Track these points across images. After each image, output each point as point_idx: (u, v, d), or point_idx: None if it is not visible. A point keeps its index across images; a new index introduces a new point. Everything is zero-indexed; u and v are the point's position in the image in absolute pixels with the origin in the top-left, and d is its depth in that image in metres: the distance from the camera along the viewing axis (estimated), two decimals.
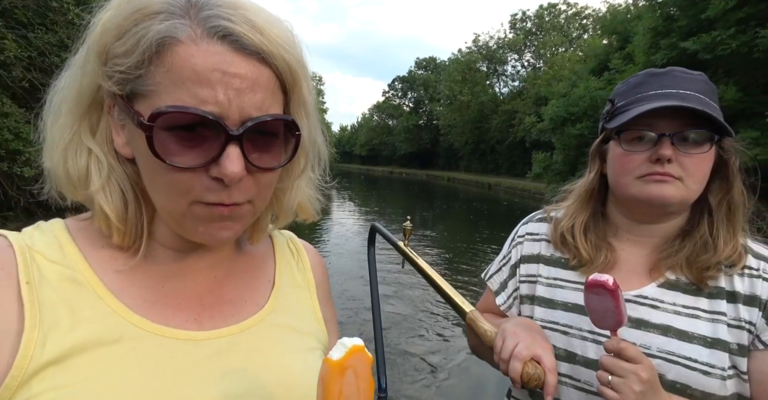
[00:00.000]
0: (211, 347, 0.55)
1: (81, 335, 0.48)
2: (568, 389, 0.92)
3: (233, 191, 0.50)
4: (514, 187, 31.81)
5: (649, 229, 0.94)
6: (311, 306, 0.70)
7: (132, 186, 0.54)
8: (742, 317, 0.82)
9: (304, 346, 0.64)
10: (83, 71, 0.51)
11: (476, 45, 54.57)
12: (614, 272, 0.93)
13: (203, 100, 0.46)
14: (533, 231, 1.09)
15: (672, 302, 0.87)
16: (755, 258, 0.86)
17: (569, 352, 0.93)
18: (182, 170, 0.48)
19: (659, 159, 0.83)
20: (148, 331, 0.52)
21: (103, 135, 0.54)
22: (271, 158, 0.53)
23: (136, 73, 0.47)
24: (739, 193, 0.88)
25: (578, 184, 1.04)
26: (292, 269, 0.72)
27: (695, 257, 0.86)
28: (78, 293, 0.51)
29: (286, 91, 0.54)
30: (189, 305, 0.58)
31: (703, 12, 11.74)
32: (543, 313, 0.98)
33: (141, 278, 0.56)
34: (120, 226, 0.54)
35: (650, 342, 0.85)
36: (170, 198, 0.50)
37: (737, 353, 0.81)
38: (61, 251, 0.53)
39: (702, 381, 0.80)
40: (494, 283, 1.11)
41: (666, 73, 0.88)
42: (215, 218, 0.51)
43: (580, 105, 17.85)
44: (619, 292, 0.73)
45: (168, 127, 0.46)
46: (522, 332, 0.82)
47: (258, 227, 0.66)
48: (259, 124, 0.49)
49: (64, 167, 0.53)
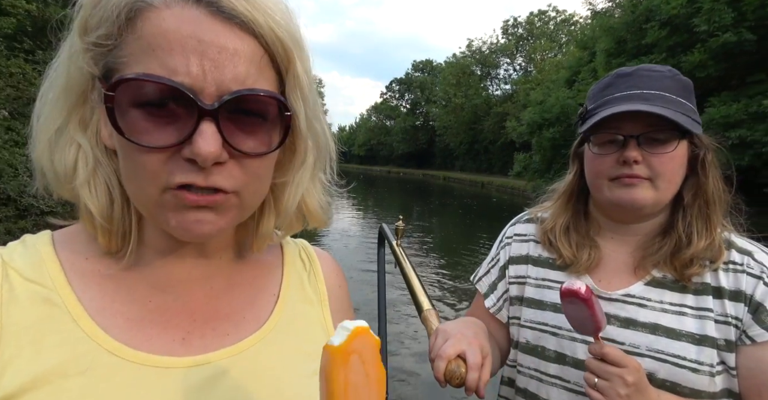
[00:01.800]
0: (199, 374, 0.49)
1: (44, 364, 0.43)
2: (558, 390, 0.92)
3: (211, 175, 0.44)
4: (504, 185, 33.65)
5: (631, 228, 0.93)
6: (321, 323, 0.62)
7: (120, 182, 0.49)
8: (729, 313, 0.82)
9: (309, 369, 0.56)
10: (70, 55, 0.46)
11: (470, 50, 57.04)
12: (600, 271, 0.94)
13: (174, 70, 0.41)
14: (521, 232, 1.08)
15: (659, 300, 0.86)
16: (739, 253, 0.85)
17: (559, 353, 0.92)
18: (152, 151, 0.42)
19: (626, 161, 0.83)
20: (123, 358, 0.46)
21: (93, 130, 0.49)
22: (257, 143, 0.46)
23: (108, 44, 0.43)
24: (713, 188, 0.87)
25: (560, 185, 1.04)
26: (302, 281, 0.65)
27: (676, 253, 0.86)
28: (50, 315, 0.45)
29: (279, 71, 0.48)
30: (178, 321, 0.51)
31: (644, 38, 14.39)
32: (532, 314, 0.97)
33: (125, 292, 0.50)
34: (105, 224, 0.49)
35: (639, 341, 0.85)
36: (140, 185, 0.44)
37: (725, 349, 0.81)
38: (41, 268, 0.48)
39: (691, 378, 0.80)
40: (483, 286, 1.09)
41: (632, 73, 0.88)
42: (187, 207, 0.44)
43: (552, 112, 20.48)
44: (592, 299, 0.73)
45: (136, 102, 0.41)
46: (454, 330, 0.78)
47: (259, 232, 0.58)
48: (240, 100, 0.43)
49: (49, 159, 0.49)
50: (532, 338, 0.97)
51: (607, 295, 0.91)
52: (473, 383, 0.70)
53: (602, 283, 0.93)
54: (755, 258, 0.84)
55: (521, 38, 52.99)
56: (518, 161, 24.87)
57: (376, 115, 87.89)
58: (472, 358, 0.71)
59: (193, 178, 0.43)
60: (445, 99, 56.67)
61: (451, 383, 0.71)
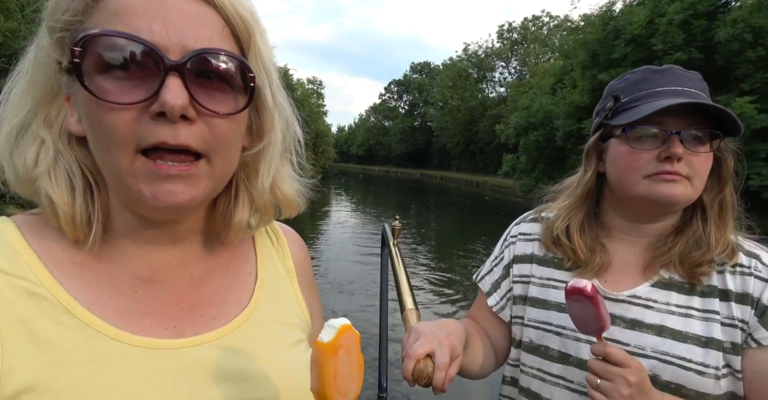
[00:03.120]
0: (196, 354, 0.51)
1: (51, 357, 0.43)
2: (562, 390, 0.92)
3: (180, 130, 0.45)
4: (498, 184, 34.32)
5: (644, 228, 0.93)
6: (294, 295, 0.67)
7: (82, 171, 0.50)
8: (735, 316, 0.81)
9: (291, 339, 0.62)
10: (37, 48, 0.48)
11: (466, 53, 58.75)
12: (609, 273, 0.93)
13: (137, 29, 0.43)
14: (526, 231, 1.07)
15: (665, 302, 0.86)
16: (746, 256, 0.85)
17: (563, 353, 0.92)
18: (121, 109, 0.43)
19: (669, 157, 0.81)
20: (126, 343, 0.47)
21: (58, 126, 0.50)
22: (222, 103, 0.48)
23: (77, 20, 0.45)
24: (731, 193, 0.88)
25: (570, 184, 1.02)
26: (273, 258, 0.68)
27: (687, 254, 0.86)
28: (41, 309, 0.45)
29: (240, 47, 0.50)
30: (166, 310, 0.53)
31: (613, 53, 16.26)
32: (536, 313, 0.97)
33: (110, 285, 0.51)
34: (67, 210, 0.49)
35: (645, 343, 0.84)
36: (112, 152, 0.45)
37: (731, 352, 0.81)
38: (18, 260, 0.47)
39: (696, 381, 0.80)
40: (485, 284, 1.09)
41: (666, 70, 0.87)
42: (160, 175, 0.46)
43: (537, 116, 22.32)
44: (598, 297, 0.73)
45: (102, 63, 0.43)
46: (426, 330, 0.77)
47: (234, 221, 0.59)
48: (204, 61, 0.45)
49: (8, 155, 0.49)
50: (535, 337, 0.97)
51: (613, 296, 0.90)
52: (439, 383, 0.69)
53: (608, 283, 0.92)
54: (763, 261, 0.84)
55: (516, 42, 54.62)
56: (506, 162, 26.75)
57: (375, 116, 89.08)
58: (440, 358, 0.70)
59: (163, 135, 0.44)
60: (442, 101, 58.26)
61: (418, 383, 0.71)
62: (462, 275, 7.97)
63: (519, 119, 23.66)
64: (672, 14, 13.93)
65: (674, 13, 13.89)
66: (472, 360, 0.94)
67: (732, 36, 12.15)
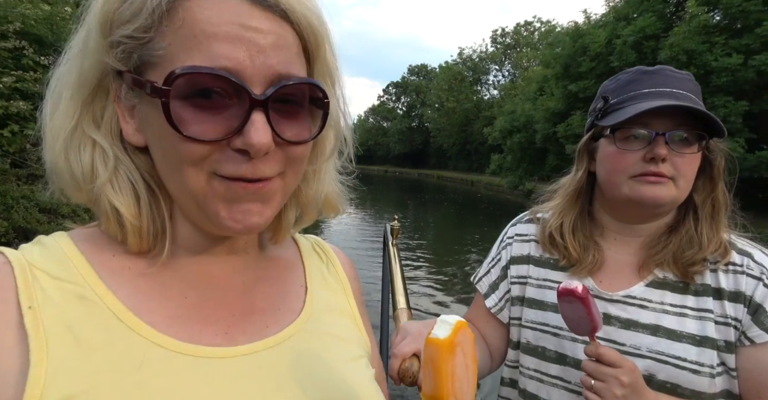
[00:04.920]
0: (248, 363, 0.49)
1: (96, 364, 0.42)
2: (559, 390, 0.92)
3: (258, 165, 0.44)
4: (491, 183, 36.68)
5: (636, 229, 0.93)
6: (349, 311, 0.65)
7: (144, 179, 0.49)
8: (729, 314, 0.82)
9: (349, 355, 0.59)
10: (84, 51, 0.45)
11: (461, 58, 60.97)
12: (603, 273, 0.94)
13: (220, 57, 0.40)
14: (522, 232, 1.08)
15: (660, 301, 0.87)
16: (739, 254, 0.86)
17: (560, 353, 0.92)
18: (201, 143, 0.42)
19: (654, 158, 0.82)
20: (174, 351, 0.46)
21: (108, 126, 0.48)
22: (300, 129, 0.47)
23: (144, 38, 0.42)
24: (723, 193, 0.89)
25: (564, 183, 1.03)
26: (322, 273, 0.66)
27: (681, 253, 0.87)
28: (88, 313, 0.44)
29: (308, 57, 0.48)
30: (217, 317, 0.51)
31: (580, 67, 18.80)
32: (533, 314, 0.97)
33: (160, 290, 0.49)
34: (134, 222, 0.47)
35: (640, 342, 0.85)
36: (186, 174, 0.44)
37: (725, 350, 0.81)
38: (68, 265, 0.46)
39: (692, 380, 0.80)
40: (483, 286, 1.09)
41: (657, 71, 0.88)
42: (238, 196, 0.45)
43: (520, 121, 24.87)
44: (589, 298, 0.73)
45: (183, 95, 0.41)
46: (413, 329, 0.78)
47: (281, 224, 0.59)
48: (286, 88, 0.44)
49: (66, 162, 0.47)
50: (533, 338, 0.97)
51: (608, 296, 0.91)
52: None
53: (603, 284, 0.93)
54: (755, 259, 0.85)
55: (509, 47, 56.72)
56: (494, 161, 29.41)
57: (374, 117, 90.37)
58: None
59: (242, 170, 0.44)
60: (438, 103, 60.14)
61: (404, 382, 0.70)
62: (455, 266, 8.89)
63: (504, 123, 26.34)
64: (626, 36, 16.43)
65: (627, 35, 16.38)
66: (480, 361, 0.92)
67: (670, 57, 14.54)
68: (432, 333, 0.39)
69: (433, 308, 6.20)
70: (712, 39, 13.96)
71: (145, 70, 0.43)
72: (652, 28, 15.96)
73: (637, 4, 17.32)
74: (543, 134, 21.84)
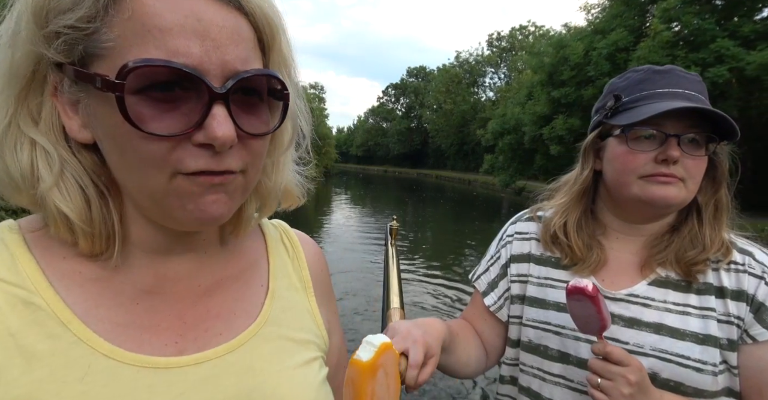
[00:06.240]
0: (196, 373, 0.48)
1: (38, 374, 0.40)
2: (562, 389, 0.92)
3: (224, 158, 0.43)
4: (487, 182, 38.68)
5: (640, 228, 0.94)
6: (309, 309, 0.63)
7: (92, 180, 0.46)
8: (731, 312, 0.83)
9: (303, 358, 0.57)
10: (14, 41, 0.42)
11: (458, 61, 62.74)
12: (605, 271, 0.94)
13: (176, 52, 0.38)
14: (522, 230, 1.07)
15: (663, 300, 0.87)
16: (740, 253, 0.87)
17: (562, 352, 0.92)
18: (160, 139, 0.40)
19: (666, 160, 0.82)
20: (120, 361, 0.44)
21: (48, 123, 0.44)
22: (260, 122, 0.46)
23: (88, 28, 0.39)
24: (726, 194, 0.90)
25: (566, 181, 1.03)
26: (287, 268, 0.64)
27: (683, 252, 0.87)
28: (34, 320, 0.42)
29: (263, 49, 0.47)
30: (168, 324, 0.49)
31: (562, 75, 20.69)
32: (535, 313, 0.97)
33: (110, 296, 0.47)
34: (86, 227, 0.45)
35: (643, 341, 0.85)
36: (147, 174, 0.42)
37: (727, 348, 0.82)
38: (14, 266, 0.44)
39: (695, 378, 0.81)
40: (482, 284, 1.09)
41: (669, 71, 0.87)
42: (204, 189, 0.43)
43: (510, 123, 26.76)
44: (599, 297, 0.73)
45: (137, 89, 0.39)
46: (402, 328, 0.77)
47: (242, 216, 0.57)
48: (245, 81, 0.42)
49: (1, 164, 0.44)
50: (534, 337, 0.97)
51: (611, 294, 0.91)
52: (411, 381, 0.69)
53: (606, 282, 0.93)
54: (756, 258, 0.86)
55: (505, 50, 58.33)
56: (487, 161, 31.43)
57: (373, 118, 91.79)
58: (413, 356, 0.71)
59: (207, 164, 0.42)
60: (436, 104, 61.89)
61: None
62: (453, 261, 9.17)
63: (495, 125, 28.26)
64: (600, 49, 18.27)
65: (602, 47, 18.23)
66: (457, 360, 0.95)
67: None
68: (356, 355, 0.41)
69: (430, 301, 6.34)
70: (675, 52, 15.82)
71: (91, 63, 0.40)
72: (623, 41, 17.81)
73: (611, 19, 19.22)
74: (530, 136, 23.70)
